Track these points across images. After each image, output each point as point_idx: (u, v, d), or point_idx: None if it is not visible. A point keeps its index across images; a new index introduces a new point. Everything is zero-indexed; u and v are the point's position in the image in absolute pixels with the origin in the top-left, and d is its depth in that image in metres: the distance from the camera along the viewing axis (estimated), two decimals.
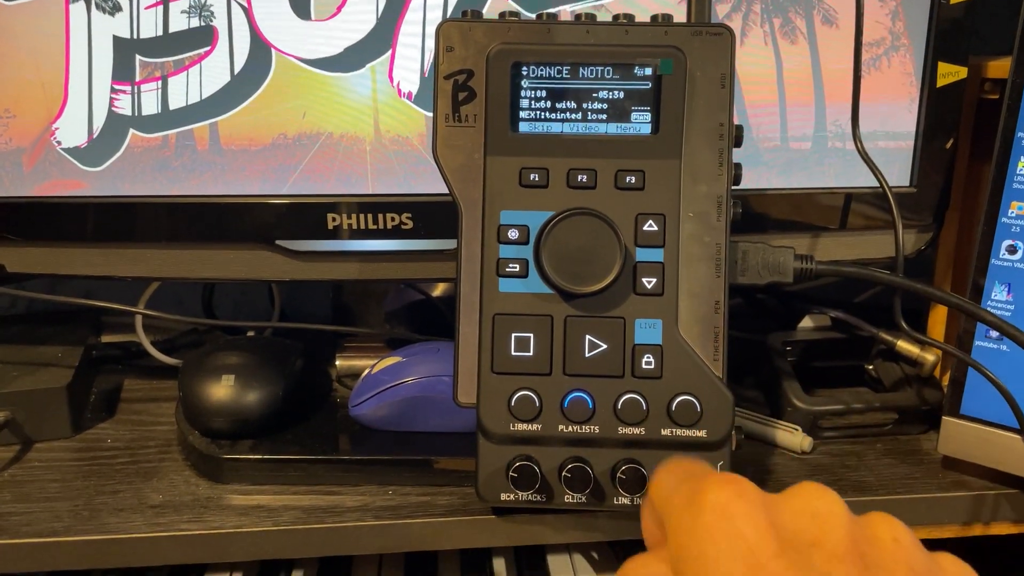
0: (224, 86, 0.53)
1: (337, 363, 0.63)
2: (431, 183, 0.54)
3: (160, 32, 0.52)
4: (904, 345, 0.59)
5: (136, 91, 0.53)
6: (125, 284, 0.74)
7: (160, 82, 0.53)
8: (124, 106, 0.53)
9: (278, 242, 0.55)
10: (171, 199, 0.54)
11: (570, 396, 0.45)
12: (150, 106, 0.53)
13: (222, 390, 0.53)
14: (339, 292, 0.70)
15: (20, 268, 0.56)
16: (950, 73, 0.54)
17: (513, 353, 0.45)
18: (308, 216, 0.54)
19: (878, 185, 0.53)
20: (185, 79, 0.53)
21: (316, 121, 0.54)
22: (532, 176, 0.45)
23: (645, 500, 0.30)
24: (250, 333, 0.68)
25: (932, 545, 0.66)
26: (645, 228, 0.45)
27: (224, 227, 0.55)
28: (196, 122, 0.54)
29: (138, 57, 0.53)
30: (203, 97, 0.53)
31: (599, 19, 0.45)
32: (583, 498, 0.45)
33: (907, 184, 0.57)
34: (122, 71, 0.53)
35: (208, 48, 0.53)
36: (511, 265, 0.45)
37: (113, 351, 0.68)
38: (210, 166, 0.54)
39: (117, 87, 0.53)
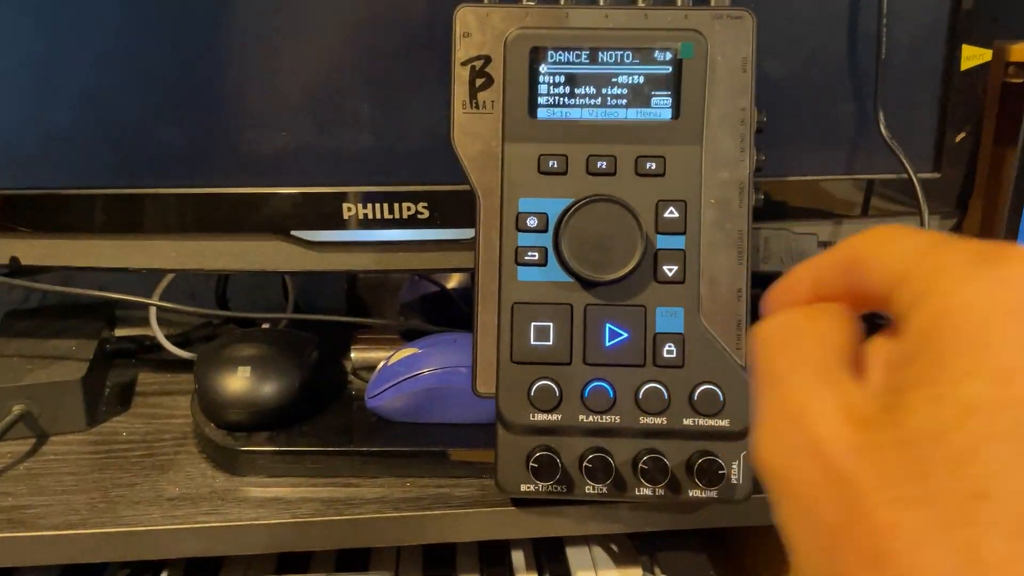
0: None
1: (352, 355, 0.62)
2: (448, 171, 0.54)
3: None
4: None
5: None
6: (139, 279, 0.74)
7: None
8: None
9: (293, 232, 0.54)
10: (185, 190, 0.54)
11: (591, 386, 0.44)
12: None
13: (238, 382, 0.53)
14: (353, 284, 0.69)
15: (34, 261, 0.56)
16: (974, 56, 0.53)
17: (532, 342, 0.44)
18: (323, 206, 0.54)
19: (901, 171, 0.52)
20: None
21: None
22: (551, 163, 0.44)
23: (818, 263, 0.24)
24: (265, 325, 0.67)
25: None
26: (666, 215, 0.44)
27: (239, 218, 0.54)
28: None
29: None
30: None
31: (618, 3, 0.45)
32: (604, 489, 0.45)
33: (930, 170, 0.56)
34: None
35: None
36: (530, 253, 0.44)
37: (127, 344, 0.68)
38: None
39: None
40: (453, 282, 0.68)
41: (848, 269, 0.23)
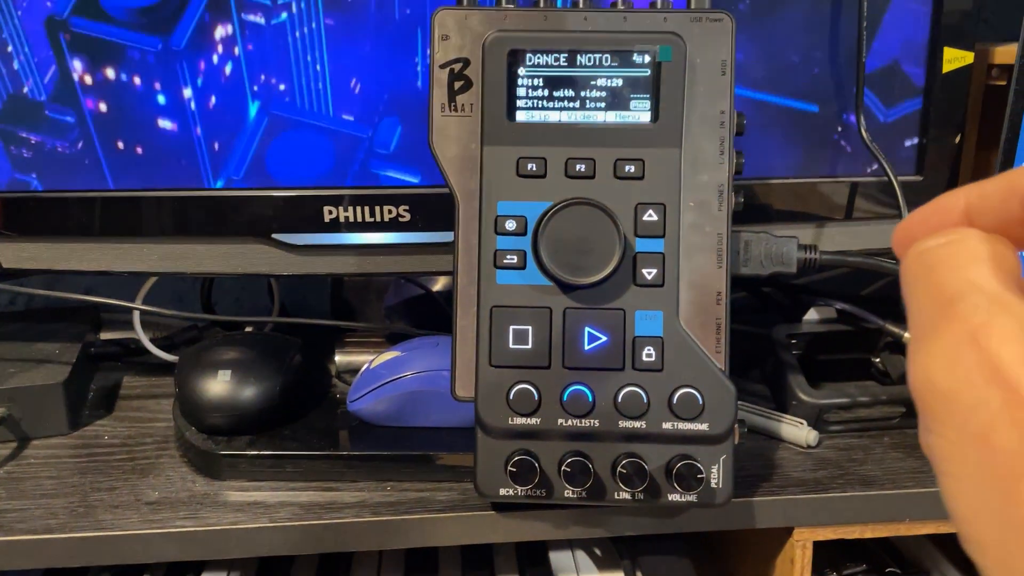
0: None
1: (336, 359, 0.62)
2: (428, 175, 0.54)
3: None
4: None
5: None
6: (126, 282, 0.74)
7: None
8: None
9: (274, 236, 0.54)
10: (167, 192, 0.54)
11: (569, 389, 0.44)
12: None
13: (219, 386, 0.52)
14: (338, 288, 0.69)
15: (15, 264, 0.55)
16: (956, 58, 0.53)
17: (511, 346, 0.44)
18: (304, 209, 0.54)
19: (883, 174, 0.52)
20: None
21: None
22: (529, 166, 0.44)
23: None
24: (248, 329, 0.67)
25: (942, 541, 0.64)
26: (645, 218, 0.44)
27: (221, 221, 0.54)
28: None
29: None
30: None
31: (597, 5, 0.44)
32: (583, 493, 0.44)
33: (912, 173, 0.56)
34: None
35: None
36: (508, 256, 0.44)
37: (112, 348, 0.68)
38: None
39: None
40: (439, 285, 0.68)
41: (1011, 196, 0.22)
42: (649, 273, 0.44)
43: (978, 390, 0.19)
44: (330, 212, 0.53)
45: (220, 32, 0.51)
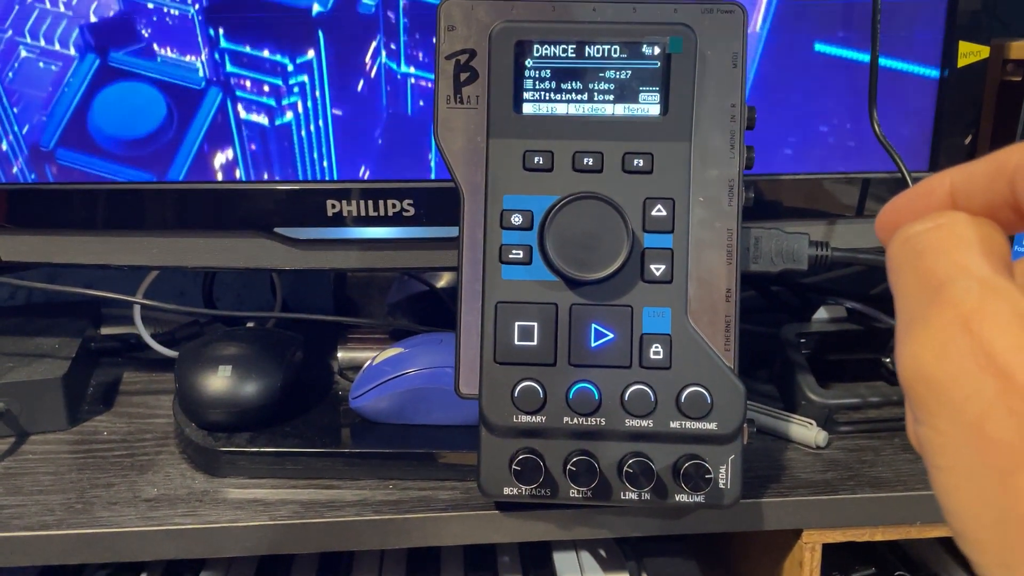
0: None
1: (339, 355, 0.61)
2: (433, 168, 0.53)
3: None
4: None
5: None
6: (128, 277, 0.73)
7: None
8: None
9: (277, 230, 0.53)
10: (168, 186, 0.53)
11: (575, 387, 0.43)
12: None
13: (219, 381, 0.52)
14: (342, 284, 0.68)
15: (15, 257, 0.55)
16: (971, 52, 0.52)
17: (516, 342, 0.43)
18: (307, 203, 0.53)
19: (895, 169, 0.51)
20: None
21: None
22: (536, 159, 0.43)
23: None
24: (249, 324, 0.66)
25: (953, 545, 0.63)
26: (653, 213, 0.43)
27: (222, 215, 0.53)
28: None
29: None
30: None
31: None
32: (589, 493, 0.44)
33: (926, 169, 0.55)
34: None
35: None
36: (514, 251, 0.43)
37: (112, 343, 0.67)
38: None
39: None
40: (443, 281, 0.67)
41: (999, 177, 0.21)
42: (657, 269, 0.43)
43: (971, 379, 0.18)
44: (333, 206, 0.53)
45: (220, 159, 0.51)
